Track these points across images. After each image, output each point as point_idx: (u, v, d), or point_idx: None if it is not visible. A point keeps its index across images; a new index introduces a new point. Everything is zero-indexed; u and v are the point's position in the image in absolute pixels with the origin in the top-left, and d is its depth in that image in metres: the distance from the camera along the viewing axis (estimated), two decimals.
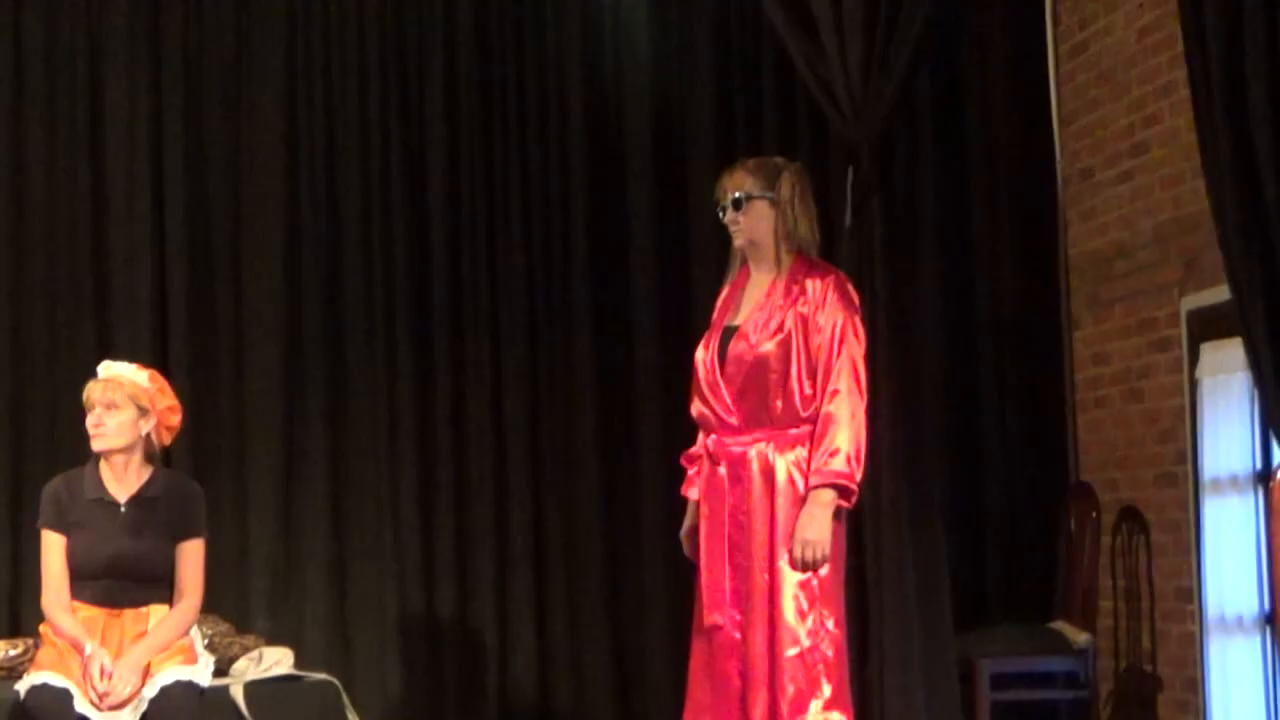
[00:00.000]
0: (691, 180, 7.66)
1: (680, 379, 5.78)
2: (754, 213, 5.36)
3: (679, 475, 5.57)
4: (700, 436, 5.49)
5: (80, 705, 5.54)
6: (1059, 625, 7.02)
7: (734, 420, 5.28)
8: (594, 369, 7.67)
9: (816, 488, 5.17)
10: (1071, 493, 7.37)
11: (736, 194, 5.37)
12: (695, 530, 5.47)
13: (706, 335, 5.45)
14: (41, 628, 5.88)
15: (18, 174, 7.40)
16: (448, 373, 7.59)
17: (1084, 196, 7.46)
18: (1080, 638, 6.88)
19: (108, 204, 7.44)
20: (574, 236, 7.70)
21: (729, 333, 5.35)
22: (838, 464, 5.16)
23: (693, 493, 5.44)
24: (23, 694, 5.61)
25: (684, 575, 5.69)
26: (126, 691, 5.58)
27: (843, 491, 5.19)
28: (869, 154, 6.10)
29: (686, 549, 5.51)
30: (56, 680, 5.56)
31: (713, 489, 5.31)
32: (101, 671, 5.58)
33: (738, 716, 5.19)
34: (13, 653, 6.26)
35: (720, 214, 5.42)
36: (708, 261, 7.13)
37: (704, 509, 5.34)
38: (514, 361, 7.64)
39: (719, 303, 5.52)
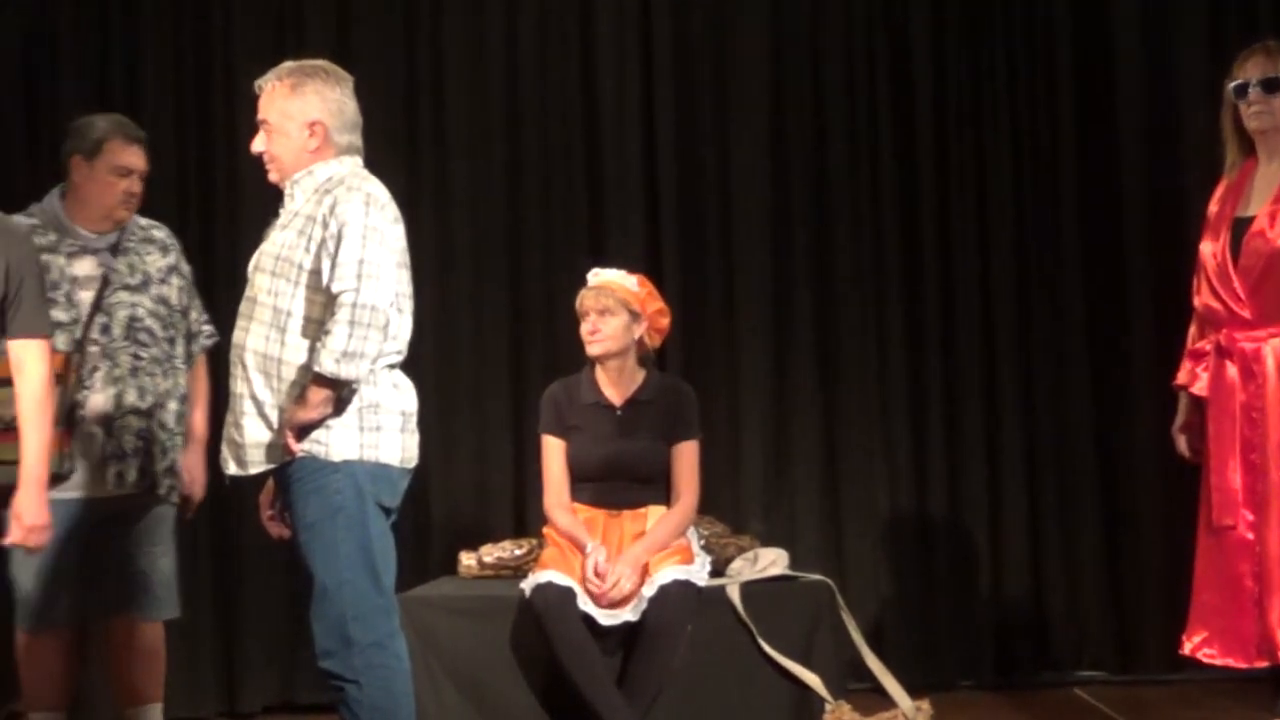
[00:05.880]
0: (1183, 67, 7.41)
1: (1172, 278, 5.59)
2: None
3: (1172, 373, 5.39)
4: (1192, 331, 5.30)
5: (583, 603, 5.69)
6: None
7: (1246, 314, 5.05)
8: (1082, 267, 7.50)
9: None
10: None
11: (1269, 75, 5.08)
12: (1188, 426, 5.30)
13: (1212, 227, 5.20)
14: (545, 529, 6.06)
15: (511, 82, 7.56)
16: (936, 275, 7.51)
17: None
18: None
19: (599, 117, 7.55)
20: (1061, 137, 7.53)
21: (1240, 224, 5.10)
22: None
23: (1198, 386, 5.23)
24: (528, 592, 5.78)
25: (1181, 474, 5.52)
26: (628, 587, 5.72)
27: None
28: None
29: (1179, 445, 5.33)
30: (560, 579, 5.72)
31: (1221, 385, 5.09)
32: (595, 570, 5.74)
33: (1252, 620, 5.00)
34: (518, 552, 6.44)
35: (1236, 95, 5.14)
36: (1198, 155, 6.88)
37: (1212, 406, 5.13)
38: (1000, 265, 7.51)
39: (1217, 194, 5.27)
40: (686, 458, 6.01)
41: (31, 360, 4.78)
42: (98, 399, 5.46)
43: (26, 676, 5.57)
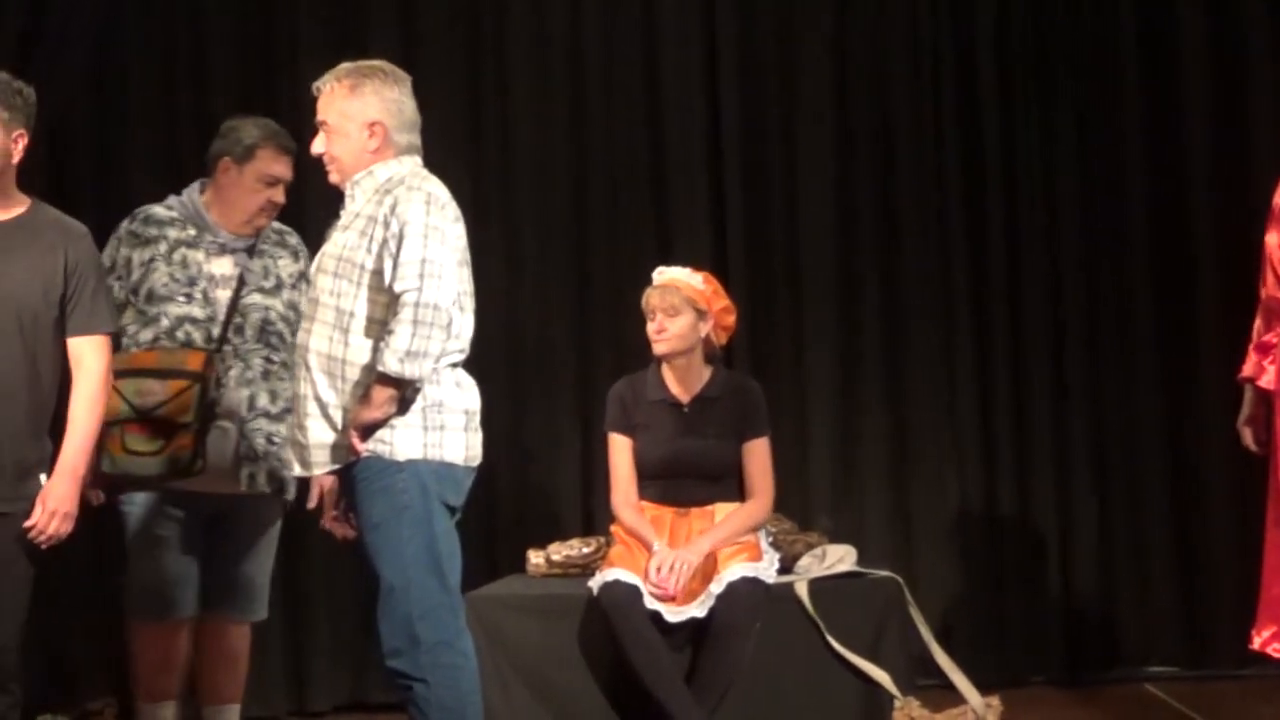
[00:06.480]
0: (1250, 62, 7.39)
1: (1240, 271, 5.53)
2: None
3: (1240, 366, 5.34)
4: (1258, 323, 5.25)
5: (651, 601, 5.69)
6: None
7: None
8: (1149, 260, 7.48)
9: None
10: None
11: None
12: (1254, 419, 5.26)
13: (1278, 220, 5.17)
14: (613, 527, 6.06)
15: (577, 81, 7.58)
16: (1003, 272, 7.49)
17: None
18: None
19: (664, 116, 7.55)
20: (1129, 134, 7.51)
21: None
22: None
23: (1265, 379, 5.18)
24: (595, 590, 5.79)
25: (1250, 468, 5.47)
26: (684, 571, 5.71)
27: None
28: None
29: (1245, 438, 5.29)
30: (627, 577, 5.72)
31: None
32: (657, 569, 5.74)
33: None
34: (586, 550, 6.44)
35: None
36: (1266, 149, 6.84)
37: (1279, 399, 5.10)
38: (1067, 260, 7.49)
39: None
40: (758, 455, 6.01)
41: (90, 356, 4.83)
42: (232, 398, 5.48)
43: (147, 666, 5.58)
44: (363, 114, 4.71)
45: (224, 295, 5.53)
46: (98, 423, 4.86)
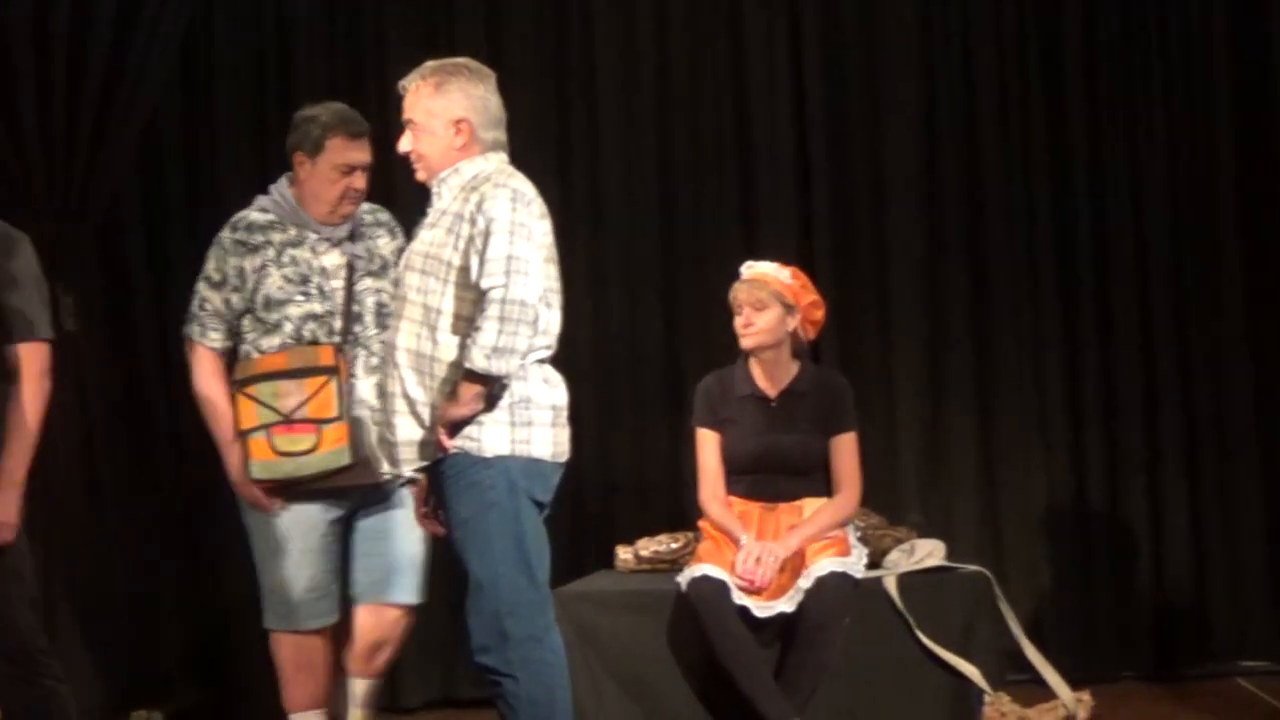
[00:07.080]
0: None
1: None
2: None
3: None
4: None
5: (739, 596, 5.68)
6: None
7: None
8: (1241, 254, 7.41)
9: None
10: None
11: None
12: None
13: None
14: (701, 522, 6.05)
15: (662, 75, 7.56)
16: (1091, 266, 7.43)
17: None
18: None
19: (750, 111, 7.53)
20: (1219, 131, 7.43)
21: None
22: None
23: None
24: (684, 585, 5.78)
25: None
26: (772, 563, 5.70)
27: None
28: None
29: None
30: (715, 572, 5.71)
31: None
32: (744, 560, 5.73)
33: None
34: (674, 546, 6.43)
35: None
36: None
37: None
38: (1157, 254, 7.42)
39: None
40: (846, 450, 5.98)
41: (25, 363, 4.78)
42: (363, 387, 5.43)
43: (295, 675, 5.50)
44: (448, 111, 4.73)
45: (337, 286, 5.49)
46: (34, 428, 4.80)
